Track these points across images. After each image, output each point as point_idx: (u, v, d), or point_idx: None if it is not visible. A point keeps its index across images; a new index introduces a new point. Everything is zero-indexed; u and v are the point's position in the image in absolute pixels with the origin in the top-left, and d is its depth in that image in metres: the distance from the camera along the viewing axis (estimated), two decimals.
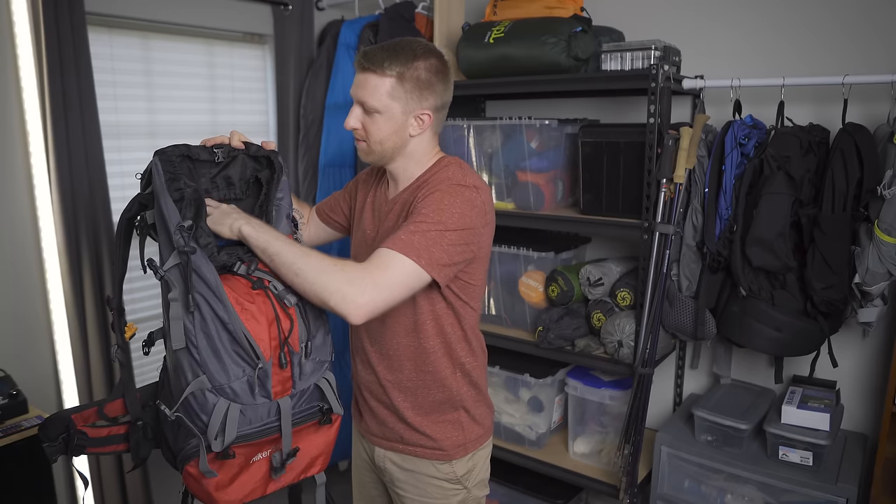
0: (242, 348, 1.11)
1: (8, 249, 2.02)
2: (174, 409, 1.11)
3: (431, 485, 1.46)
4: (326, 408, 1.23)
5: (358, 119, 1.35)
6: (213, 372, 1.10)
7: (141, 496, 2.25)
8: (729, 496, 2.03)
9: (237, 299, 1.13)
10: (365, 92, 1.32)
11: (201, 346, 1.09)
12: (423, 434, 1.44)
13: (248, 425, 1.13)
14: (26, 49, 1.93)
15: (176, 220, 1.12)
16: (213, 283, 1.10)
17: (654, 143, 1.96)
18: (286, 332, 1.17)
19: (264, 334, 1.14)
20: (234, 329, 1.10)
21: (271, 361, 1.15)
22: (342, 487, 2.82)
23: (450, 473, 1.46)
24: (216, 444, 1.09)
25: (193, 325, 1.09)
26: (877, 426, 2.06)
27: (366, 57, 1.32)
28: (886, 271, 1.75)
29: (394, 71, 1.30)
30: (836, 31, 2.05)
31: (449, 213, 1.28)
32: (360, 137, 1.38)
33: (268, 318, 1.15)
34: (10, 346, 2.03)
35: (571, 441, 2.35)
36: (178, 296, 1.11)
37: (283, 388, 1.17)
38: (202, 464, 1.10)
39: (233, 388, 1.11)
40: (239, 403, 1.12)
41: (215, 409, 1.10)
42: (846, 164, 1.79)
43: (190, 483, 1.16)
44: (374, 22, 2.57)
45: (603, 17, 2.38)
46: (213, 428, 1.09)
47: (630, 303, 2.14)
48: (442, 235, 1.26)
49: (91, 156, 2.05)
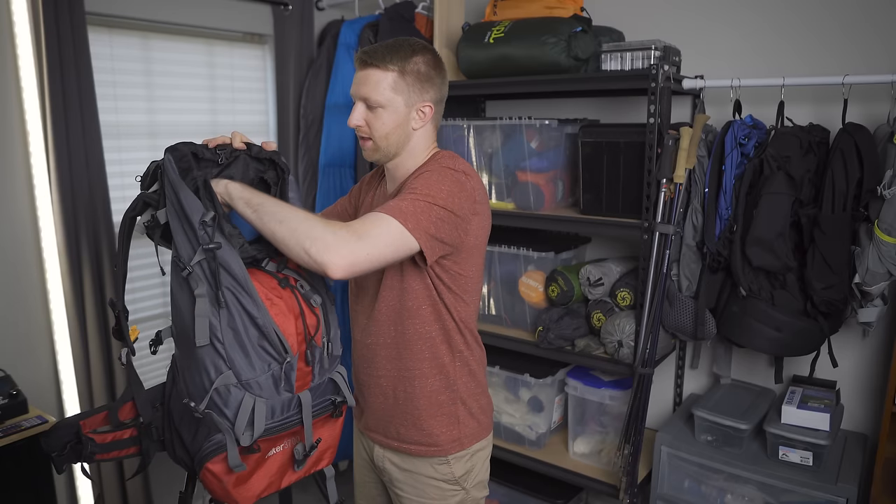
0: (271, 343, 1.13)
1: (8, 249, 2.02)
2: (203, 406, 1.11)
3: (430, 485, 1.46)
4: (339, 400, 1.26)
5: (361, 116, 1.36)
6: (239, 367, 1.11)
7: (141, 497, 2.25)
8: (729, 496, 2.03)
9: (266, 294, 1.15)
10: (367, 87, 1.34)
11: (227, 341, 1.10)
12: (419, 429, 1.44)
13: (271, 418, 1.15)
14: (26, 49, 1.93)
15: (199, 213, 1.11)
16: (241, 277, 1.11)
17: (654, 143, 1.96)
18: (312, 329, 1.20)
19: (292, 329, 1.16)
20: (265, 324, 1.12)
21: (297, 356, 1.17)
22: (342, 487, 2.83)
23: (448, 474, 1.46)
24: (245, 439, 1.11)
25: (220, 320, 1.10)
26: (877, 426, 2.06)
27: (367, 54, 1.34)
28: (886, 271, 1.75)
29: (395, 66, 1.33)
30: (836, 31, 2.05)
31: (437, 189, 1.29)
32: (364, 135, 1.38)
33: (294, 313, 1.18)
34: (11, 346, 2.04)
35: (571, 441, 2.35)
36: (205, 292, 1.10)
37: (303, 382, 1.20)
38: (232, 458, 1.11)
39: (259, 382, 1.13)
40: (264, 397, 1.13)
41: (242, 404, 1.11)
42: (846, 164, 1.79)
43: (209, 481, 1.16)
44: (374, 22, 2.57)
45: (603, 17, 2.38)
46: (242, 422, 1.11)
47: (630, 303, 2.14)
48: (430, 207, 1.26)
49: (91, 156, 2.05)
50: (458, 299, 1.41)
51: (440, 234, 1.28)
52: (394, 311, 1.40)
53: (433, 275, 1.36)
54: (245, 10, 2.54)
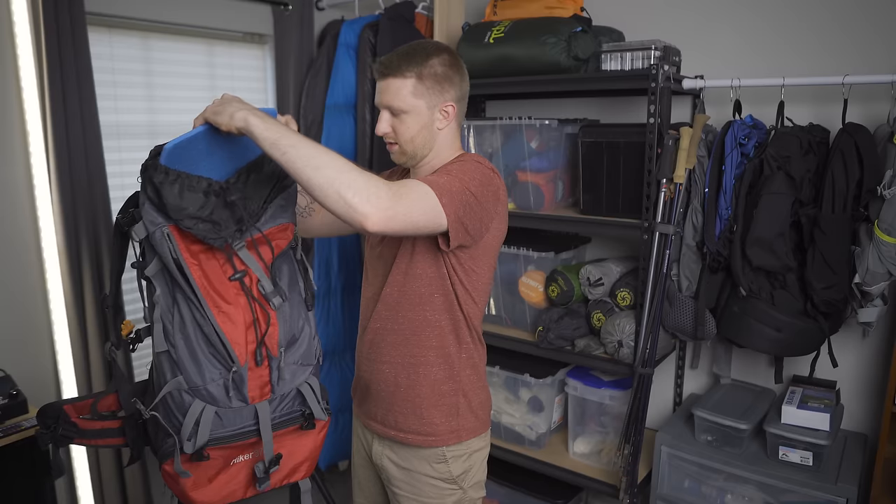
0: (217, 351, 1.11)
1: (8, 249, 2.02)
2: (150, 408, 1.12)
3: (427, 484, 1.47)
4: (308, 412, 1.22)
5: (388, 123, 1.39)
6: (189, 373, 1.10)
7: (140, 492, 2.25)
8: (729, 496, 2.03)
9: (213, 300, 1.11)
10: (389, 96, 1.37)
11: (179, 346, 1.10)
12: (418, 417, 1.44)
13: (222, 428, 1.13)
14: (26, 49, 1.93)
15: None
16: (193, 284, 1.09)
17: (654, 143, 1.96)
18: (266, 337, 1.15)
19: (241, 338, 1.12)
20: (209, 332, 1.10)
21: (247, 365, 1.13)
22: (342, 488, 2.82)
23: (445, 473, 1.46)
24: (188, 446, 1.10)
25: (173, 326, 1.10)
26: (877, 426, 2.06)
27: (383, 65, 1.37)
28: (886, 271, 1.75)
29: (412, 71, 1.36)
30: (836, 31, 2.05)
31: (471, 176, 1.31)
32: (391, 140, 1.41)
33: (246, 321, 1.13)
34: (10, 346, 2.03)
35: (571, 441, 2.35)
36: (159, 298, 1.11)
37: (261, 392, 1.16)
38: (176, 464, 1.10)
39: (209, 389, 1.11)
40: (215, 406, 1.12)
41: (190, 411, 1.10)
42: (846, 164, 1.78)
43: (168, 481, 1.16)
44: (374, 22, 2.57)
45: (603, 17, 2.38)
46: (187, 429, 1.10)
47: (630, 303, 2.14)
48: (463, 191, 1.27)
49: (91, 156, 2.05)
50: (468, 296, 1.42)
51: (465, 221, 1.29)
52: (404, 297, 1.41)
53: (448, 264, 1.38)
54: (245, 10, 2.54)
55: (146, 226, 1.10)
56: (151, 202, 1.09)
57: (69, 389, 2.14)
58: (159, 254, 1.10)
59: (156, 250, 1.10)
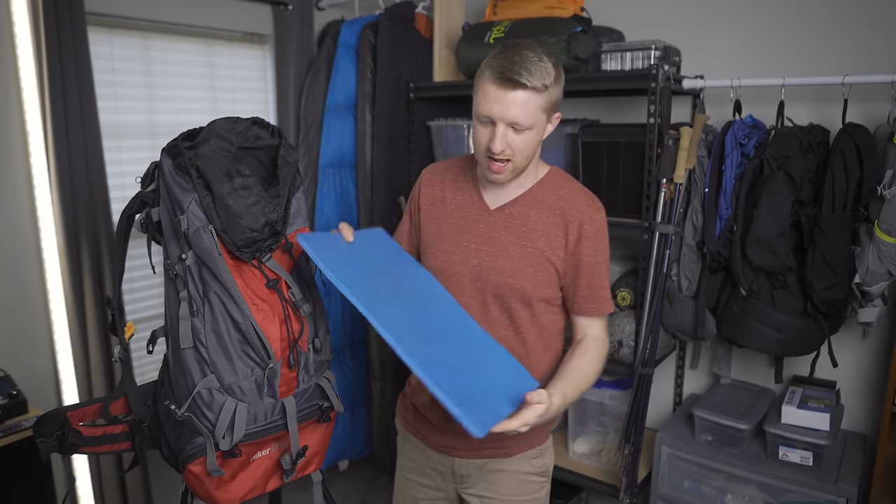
0: (253, 348, 1.12)
1: (8, 249, 2.02)
2: (183, 409, 1.11)
3: (524, 481, 1.42)
4: (326, 406, 1.24)
5: (506, 141, 1.21)
6: (222, 371, 1.11)
7: (141, 496, 2.25)
8: (729, 496, 2.03)
9: (251, 298, 1.13)
10: (516, 110, 1.18)
11: (210, 345, 1.10)
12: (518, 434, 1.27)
13: (253, 424, 1.14)
14: (26, 49, 1.93)
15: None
16: (227, 280, 1.10)
17: (654, 143, 1.96)
18: (296, 334, 1.18)
19: (276, 334, 1.15)
20: (247, 329, 1.11)
21: (281, 361, 1.15)
22: (342, 488, 2.82)
23: (541, 466, 1.44)
24: (224, 443, 1.11)
25: (203, 323, 1.10)
26: (877, 426, 2.06)
27: (515, 72, 1.17)
28: (886, 271, 1.75)
29: (547, 82, 1.20)
30: (836, 31, 2.05)
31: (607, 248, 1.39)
32: (506, 158, 1.23)
33: (280, 318, 1.16)
34: (10, 345, 2.03)
35: (571, 441, 2.35)
36: (190, 294, 1.11)
37: (288, 387, 1.19)
38: (210, 463, 1.11)
39: (241, 387, 1.12)
40: (246, 402, 1.13)
41: (224, 408, 1.11)
42: (846, 164, 1.78)
43: (192, 482, 1.16)
44: (374, 22, 2.57)
45: (603, 17, 2.38)
46: (222, 427, 1.10)
47: (630, 303, 2.14)
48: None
49: (91, 156, 2.05)
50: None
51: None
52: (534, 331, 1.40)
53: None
54: (245, 10, 2.54)
55: (189, 220, 1.11)
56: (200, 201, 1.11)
57: (69, 389, 2.14)
58: (199, 248, 1.10)
59: (192, 245, 1.11)
